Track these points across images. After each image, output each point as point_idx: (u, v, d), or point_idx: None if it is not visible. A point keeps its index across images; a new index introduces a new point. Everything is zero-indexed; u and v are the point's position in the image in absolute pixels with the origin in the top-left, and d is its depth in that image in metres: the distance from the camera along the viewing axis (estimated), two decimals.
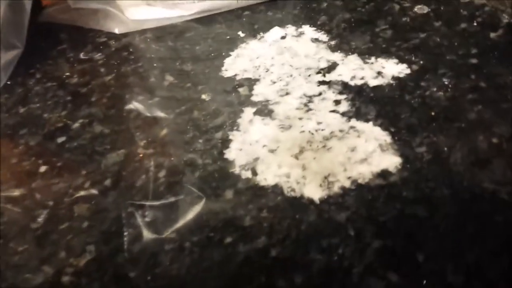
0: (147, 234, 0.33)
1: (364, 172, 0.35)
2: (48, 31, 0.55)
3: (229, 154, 0.38)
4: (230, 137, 0.39)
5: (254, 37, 0.49)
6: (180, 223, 0.33)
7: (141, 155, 0.39)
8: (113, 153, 0.39)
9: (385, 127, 0.38)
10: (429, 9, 0.49)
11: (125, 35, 0.52)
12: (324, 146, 0.37)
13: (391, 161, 0.35)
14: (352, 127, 0.38)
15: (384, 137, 0.37)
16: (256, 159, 0.37)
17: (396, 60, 0.44)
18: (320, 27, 0.49)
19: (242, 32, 0.50)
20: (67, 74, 0.48)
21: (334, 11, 0.51)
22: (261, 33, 0.50)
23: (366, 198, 0.33)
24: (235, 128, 0.40)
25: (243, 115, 0.41)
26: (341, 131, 0.38)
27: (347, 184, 0.34)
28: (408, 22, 0.48)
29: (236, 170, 0.36)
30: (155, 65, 0.48)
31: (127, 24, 0.53)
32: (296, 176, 0.35)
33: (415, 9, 0.50)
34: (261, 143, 0.38)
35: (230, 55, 0.48)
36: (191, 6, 0.52)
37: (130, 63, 0.48)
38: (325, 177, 0.35)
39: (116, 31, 0.53)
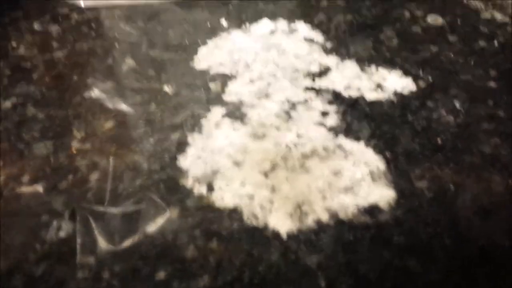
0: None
1: (348, 204, 0.27)
2: None
3: (183, 161, 0.30)
4: (189, 140, 0.31)
5: (238, 27, 0.42)
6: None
7: (74, 150, 0.31)
8: (40, 143, 0.31)
9: (379, 150, 0.30)
10: (444, 21, 0.42)
11: (91, 9, 0.45)
12: (301, 166, 0.29)
13: (383, 195, 0.28)
14: (339, 146, 0.31)
15: (377, 162, 0.30)
16: (215, 172, 0.29)
17: (400, 73, 0.37)
18: (316, 26, 0.42)
19: (226, 21, 0.43)
20: (13, 44, 0.40)
21: (335, 11, 0.44)
22: (247, 24, 0.42)
23: (347, 239, 0.26)
24: (196, 129, 0.32)
25: (210, 116, 0.33)
26: (325, 149, 0.30)
27: (324, 217, 0.27)
28: (419, 32, 0.41)
29: (188, 182, 0.29)
30: (116, 45, 0.40)
31: None
32: (261, 199, 0.27)
33: (428, 19, 0.43)
34: (225, 152, 0.30)
35: (207, 44, 0.40)
36: None
37: (88, 40, 0.41)
38: (298, 205, 0.27)
39: (82, 3, 0.45)
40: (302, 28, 0.42)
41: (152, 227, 0.26)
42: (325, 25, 0.42)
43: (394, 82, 0.36)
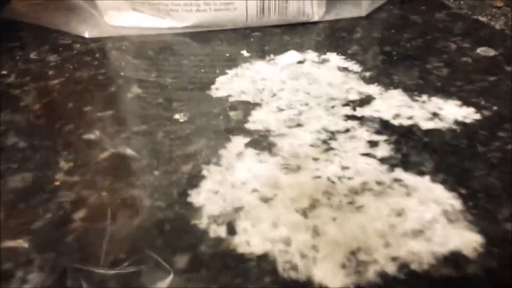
0: None
1: (421, 252, 0.20)
2: (8, 28, 0.43)
3: (196, 197, 0.23)
4: (204, 172, 0.25)
5: (261, 58, 0.37)
6: None
7: (56, 183, 0.24)
8: (18, 176, 0.25)
9: (450, 187, 0.24)
10: (496, 52, 0.37)
11: (96, 40, 0.40)
12: (351, 203, 0.23)
13: (466, 239, 0.21)
14: (396, 180, 0.24)
15: (449, 200, 0.23)
16: (238, 210, 0.22)
17: (458, 102, 0.31)
18: (350, 57, 0.37)
19: (247, 52, 0.38)
20: (4, 72, 0.36)
21: (370, 43, 0.40)
22: (272, 55, 0.37)
23: None
24: (213, 161, 0.26)
25: (230, 146, 0.27)
26: (379, 183, 0.24)
27: (390, 268, 0.19)
28: (470, 62, 0.36)
29: (202, 222, 0.22)
30: (122, 74, 0.35)
31: (102, 28, 0.41)
32: (301, 245, 0.20)
33: (478, 51, 0.38)
34: (250, 187, 0.24)
35: (226, 73, 0.35)
36: (186, 16, 0.41)
37: (90, 69, 0.36)
38: (352, 253, 0.20)
39: (86, 34, 0.41)
40: (334, 58, 0.37)
41: (154, 282, 0.19)
42: (361, 55, 0.37)
43: (453, 111, 0.30)
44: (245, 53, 0.38)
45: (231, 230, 0.21)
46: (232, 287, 0.19)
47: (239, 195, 0.23)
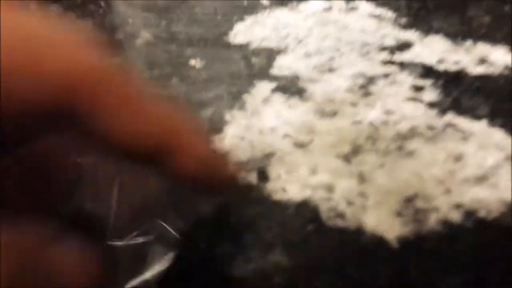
0: None
1: (486, 198, 0.17)
2: None
3: (220, 143, 0.21)
4: (227, 117, 0.22)
5: (283, 5, 0.34)
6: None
7: None
8: None
9: (511, 131, 0.21)
10: None
11: None
12: (400, 148, 0.20)
13: None
14: (450, 125, 0.21)
15: None
16: (269, 156, 0.20)
17: (506, 48, 0.28)
18: (381, 5, 0.34)
19: (267, 1, 0.35)
20: None
21: None
22: (295, 3, 0.34)
23: (498, 247, 0.16)
24: (237, 106, 0.23)
25: (254, 91, 0.24)
26: (430, 128, 0.21)
27: (455, 216, 0.16)
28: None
29: (229, 169, 0.19)
30: (130, 21, 0.32)
31: None
32: (346, 191, 0.17)
33: None
34: (281, 132, 0.21)
35: (244, 20, 0.32)
36: None
37: (94, 16, 0.33)
38: (408, 200, 0.17)
39: None
40: (364, 5, 0.33)
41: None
42: (393, 3, 0.34)
43: (502, 57, 0.27)
44: (264, 2, 0.35)
45: (263, 176, 0.19)
46: (268, 237, 0.16)
47: (269, 140, 0.20)
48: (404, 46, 0.28)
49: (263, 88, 0.24)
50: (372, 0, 0.34)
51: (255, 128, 0.21)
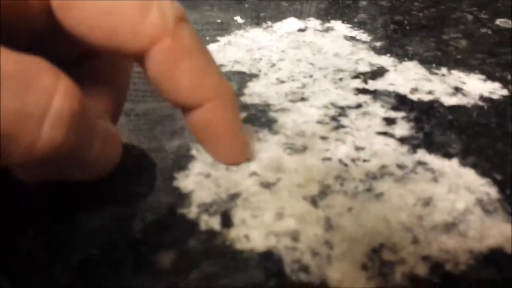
0: None
1: (455, 250, 0.17)
2: None
3: (184, 181, 0.20)
4: (193, 152, 0.21)
5: (257, 25, 0.33)
6: None
7: None
8: None
9: (483, 172, 0.20)
10: None
11: None
12: (368, 189, 0.19)
13: (507, 234, 0.18)
14: (421, 163, 0.21)
15: (484, 188, 0.20)
16: (234, 197, 0.19)
17: (482, 76, 0.28)
18: (357, 26, 0.33)
19: (241, 18, 0.34)
20: None
21: (379, 11, 0.36)
22: (269, 22, 0.34)
23: None
24: None
25: None
26: (400, 167, 0.21)
27: (422, 270, 0.16)
28: (491, 34, 0.33)
29: (192, 212, 0.18)
30: None
31: None
32: (312, 240, 0.17)
33: (497, 22, 0.35)
34: (248, 170, 0.20)
35: (217, 41, 0.31)
36: None
37: None
38: (374, 251, 0.17)
39: None
40: (340, 27, 0.33)
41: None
42: (369, 24, 0.34)
43: (477, 86, 0.27)
44: (238, 19, 0.34)
45: (227, 221, 0.18)
46: None
47: (235, 179, 0.20)
48: (378, 73, 0.28)
49: None
50: (348, 22, 0.34)
51: (221, 165, 0.21)
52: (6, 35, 0.15)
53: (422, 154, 0.21)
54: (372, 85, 0.27)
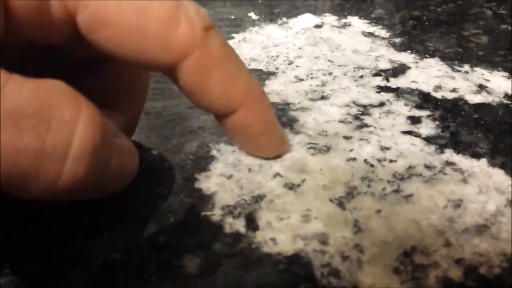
0: None
1: (488, 251, 0.17)
2: None
3: (206, 182, 0.20)
4: (213, 152, 0.21)
5: (272, 21, 0.33)
6: None
7: None
8: None
9: None
10: None
11: None
12: (396, 191, 0.19)
13: None
14: (449, 163, 0.21)
15: None
16: (259, 199, 0.19)
17: (506, 74, 0.27)
18: (375, 21, 0.33)
19: (255, 15, 0.34)
20: None
21: (395, 6, 0.36)
22: (284, 18, 0.33)
23: None
24: (224, 139, 0.22)
25: None
26: (428, 167, 0.20)
27: (455, 273, 0.16)
28: (511, 30, 0.33)
29: (215, 214, 0.18)
30: None
31: None
32: (341, 243, 0.17)
33: None
34: (272, 171, 0.20)
35: (232, 38, 0.31)
36: None
37: None
38: (406, 254, 0.17)
39: None
40: (357, 22, 0.33)
41: None
42: (387, 20, 0.33)
43: (501, 83, 0.26)
44: (252, 15, 0.34)
45: (252, 224, 0.18)
46: None
47: (258, 180, 0.20)
48: (399, 70, 0.27)
49: None
50: (365, 17, 0.34)
51: (244, 165, 0.20)
52: (24, 49, 0.15)
53: (449, 154, 0.21)
54: (394, 82, 0.26)
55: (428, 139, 0.22)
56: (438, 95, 0.25)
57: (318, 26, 0.32)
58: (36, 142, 0.12)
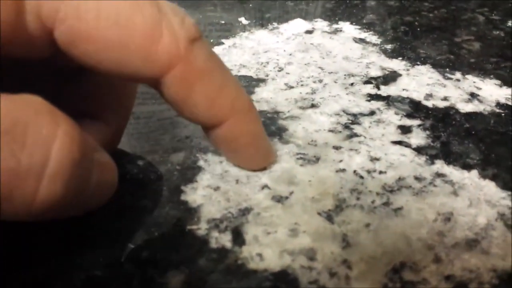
0: None
1: (479, 267, 0.16)
2: None
3: (192, 194, 0.19)
4: (200, 163, 0.21)
5: (262, 26, 0.33)
6: None
7: None
8: None
9: (503, 184, 0.20)
10: None
11: None
12: (386, 204, 0.19)
13: None
14: (439, 175, 0.20)
15: (505, 201, 0.19)
16: (246, 212, 0.18)
17: (497, 81, 0.27)
18: (366, 27, 0.33)
19: (246, 19, 0.34)
20: None
21: (387, 11, 0.36)
22: (275, 24, 0.33)
23: None
24: (211, 149, 0.22)
25: None
26: (418, 179, 0.20)
27: None
28: (503, 36, 0.32)
29: (201, 228, 0.18)
30: None
31: None
32: (329, 259, 0.17)
33: (509, 24, 0.34)
34: (260, 183, 0.20)
35: (222, 43, 0.31)
36: None
37: None
38: (395, 270, 0.16)
39: None
40: (348, 28, 0.33)
41: None
42: (379, 26, 0.33)
43: (493, 92, 0.26)
44: (243, 20, 0.34)
45: (238, 238, 0.17)
46: None
47: (246, 192, 0.19)
48: (390, 77, 0.27)
49: None
50: (356, 23, 0.33)
51: (232, 176, 0.20)
52: (3, 61, 0.14)
53: (440, 165, 0.21)
54: (384, 90, 0.26)
55: (419, 150, 0.22)
56: (429, 103, 0.25)
57: (309, 32, 0.32)
58: (10, 162, 0.11)
